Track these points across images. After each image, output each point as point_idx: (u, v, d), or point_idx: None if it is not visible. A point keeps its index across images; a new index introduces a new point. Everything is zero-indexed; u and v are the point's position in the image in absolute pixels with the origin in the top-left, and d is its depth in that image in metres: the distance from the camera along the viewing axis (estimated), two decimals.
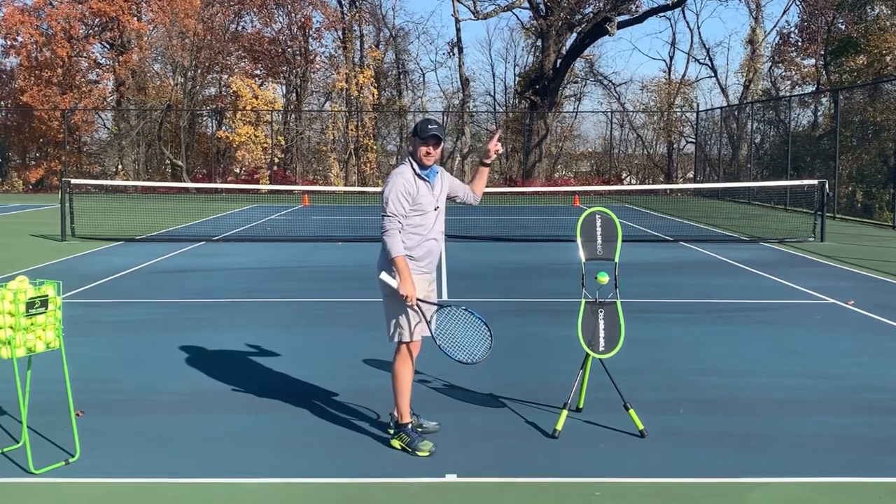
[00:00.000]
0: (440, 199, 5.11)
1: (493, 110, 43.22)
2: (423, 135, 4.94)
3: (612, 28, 35.51)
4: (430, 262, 5.09)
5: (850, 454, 4.97)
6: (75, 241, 16.02)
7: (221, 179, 37.60)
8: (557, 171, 41.87)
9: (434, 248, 5.08)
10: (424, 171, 5.02)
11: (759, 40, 40.31)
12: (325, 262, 13.61)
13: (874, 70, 30.68)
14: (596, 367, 5.61)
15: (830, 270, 12.75)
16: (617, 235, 5.44)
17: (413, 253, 5.00)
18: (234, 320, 8.89)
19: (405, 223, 4.95)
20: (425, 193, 5.00)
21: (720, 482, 4.55)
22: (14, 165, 38.85)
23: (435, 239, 5.07)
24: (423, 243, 5.01)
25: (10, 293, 4.45)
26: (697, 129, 38.33)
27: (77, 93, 37.13)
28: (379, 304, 5.26)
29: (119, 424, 5.45)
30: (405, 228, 4.96)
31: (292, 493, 4.41)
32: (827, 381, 6.57)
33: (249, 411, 5.76)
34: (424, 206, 5.00)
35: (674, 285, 11.35)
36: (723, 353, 7.49)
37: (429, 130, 4.95)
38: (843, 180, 26.26)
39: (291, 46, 39.88)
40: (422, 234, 5.00)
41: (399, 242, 4.92)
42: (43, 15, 36.66)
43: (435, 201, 5.06)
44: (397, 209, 4.92)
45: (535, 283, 11.57)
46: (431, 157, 4.98)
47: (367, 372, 6.74)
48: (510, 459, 4.86)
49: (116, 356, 7.34)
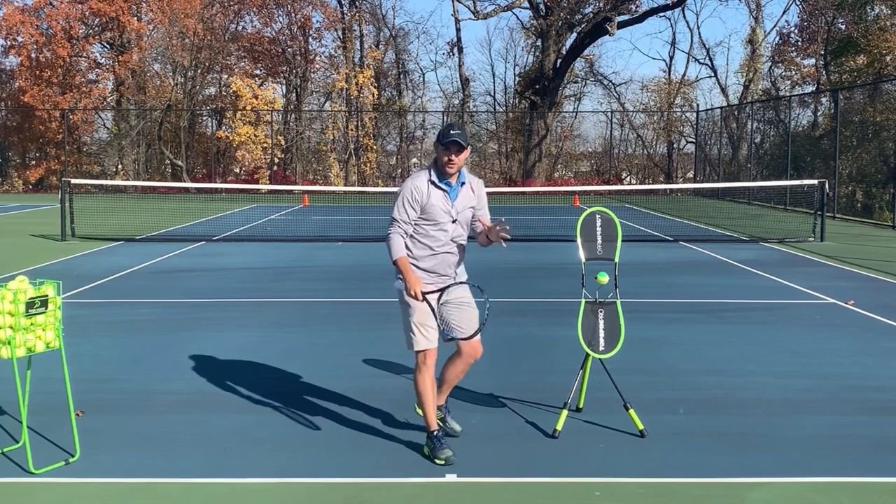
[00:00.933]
0: (461, 214, 4.84)
1: (493, 110, 43.24)
2: (444, 140, 4.70)
3: (612, 28, 35.51)
4: (444, 272, 4.87)
5: (850, 454, 4.97)
6: (75, 241, 16.02)
7: (221, 179, 37.61)
8: (557, 171, 41.87)
9: (446, 259, 4.86)
10: (444, 180, 4.80)
11: (759, 40, 40.30)
12: (325, 262, 13.61)
13: (874, 70, 30.69)
14: (596, 367, 5.61)
15: (830, 270, 12.75)
16: (617, 235, 5.44)
17: (420, 264, 4.83)
18: (234, 320, 8.89)
19: (416, 230, 4.81)
20: (438, 203, 4.77)
21: (720, 482, 4.55)
22: (14, 165, 38.84)
23: (448, 252, 4.86)
24: (433, 256, 4.83)
25: (10, 293, 4.45)
26: (697, 129, 38.33)
27: (77, 93, 37.14)
28: (379, 304, 5.27)
29: (119, 424, 5.45)
30: (415, 236, 4.82)
31: (292, 493, 4.41)
32: (827, 381, 6.57)
33: (249, 411, 5.76)
34: (436, 216, 4.78)
35: (674, 285, 11.35)
36: (723, 353, 7.49)
37: (450, 136, 4.69)
38: (843, 180, 26.25)
39: (291, 46, 39.88)
40: (431, 248, 4.82)
41: (398, 244, 4.79)
42: (43, 15, 36.66)
43: (451, 214, 4.80)
44: (401, 215, 4.79)
45: (535, 283, 11.56)
46: (453, 165, 4.72)
47: (367, 372, 6.74)
48: (510, 459, 4.86)
49: (116, 356, 7.34)
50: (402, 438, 5.19)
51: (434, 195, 4.78)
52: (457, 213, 4.84)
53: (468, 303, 4.99)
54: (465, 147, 4.73)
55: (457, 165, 4.75)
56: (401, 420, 5.51)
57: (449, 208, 4.81)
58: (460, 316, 4.95)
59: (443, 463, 4.75)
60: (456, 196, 4.85)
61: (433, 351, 4.87)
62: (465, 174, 4.91)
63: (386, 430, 5.33)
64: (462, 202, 4.88)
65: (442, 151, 4.75)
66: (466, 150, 4.77)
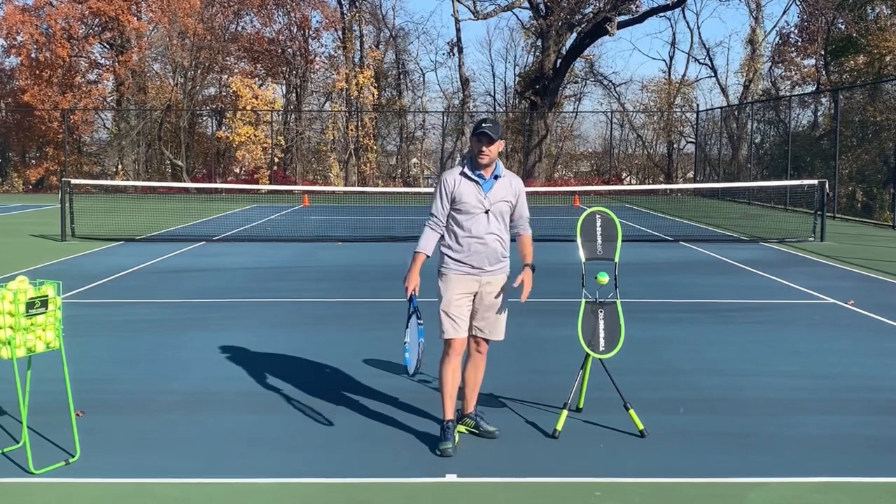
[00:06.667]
0: (495, 206, 4.95)
1: (493, 110, 43.19)
2: (476, 132, 4.91)
3: (612, 28, 35.50)
4: (477, 263, 4.97)
5: (850, 454, 4.97)
6: (75, 241, 16.02)
7: (221, 179, 37.60)
8: (557, 171, 41.87)
9: (480, 249, 4.95)
10: (477, 171, 4.94)
11: (759, 40, 40.30)
12: (325, 262, 13.61)
13: (874, 70, 30.68)
14: (596, 367, 5.61)
15: (830, 270, 12.75)
16: (617, 235, 5.44)
17: (454, 255, 4.98)
18: (234, 320, 8.89)
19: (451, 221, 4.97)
20: (469, 194, 4.92)
21: (720, 482, 4.55)
22: (14, 165, 38.84)
23: (482, 244, 4.95)
24: (466, 247, 4.94)
25: (10, 293, 4.44)
26: (697, 129, 38.33)
27: (77, 93, 37.12)
28: (379, 304, 5.28)
29: (119, 424, 5.45)
30: (450, 227, 4.99)
31: (292, 493, 4.41)
32: (827, 381, 6.57)
33: (249, 411, 5.75)
34: (468, 207, 4.93)
35: (674, 285, 11.35)
36: (723, 353, 7.49)
37: (480, 128, 4.87)
38: (843, 180, 26.26)
39: (291, 46, 39.88)
40: (465, 238, 4.95)
41: (427, 239, 5.00)
42: (43, 15, 36.64)
43: (484, 204, 4.92)
44: (435, 209, 5.00)
45: (535, 282, 11.53)
46: (485, 156, 4.89)
47: (367, 372, 6.74)
48: (510, 459, 4.86)
49: (116, 356, 7.33)
50: (403, 438, 5.19)
51: (465, 185, 4.94)
52: (490, 205, 4.95)
53: (497, 309, 5.09)
54: (494, 139, 4.88)
55: (488, 157, 4.91)
56: (401, 420, 5.51)
57: (482, 199, 4.94)
58: (484, 315, 5.06)
59: (439, 454, 4.86)
60: (490, 188, 4.97)
61: (460, 341, 5.00)
62: (501, 168, 5.04)
63: (386, 431, 5.33)
64: (496, 194, 4.99)
65: (474, 143, 4.93)
66: (498, 142, 4.92)
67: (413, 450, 5.00)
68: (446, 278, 5.00)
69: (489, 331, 5.10)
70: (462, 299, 4.98)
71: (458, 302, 4.96)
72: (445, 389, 5.02)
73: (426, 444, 5.05)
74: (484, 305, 5.05)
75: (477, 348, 5.15)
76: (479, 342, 5.14)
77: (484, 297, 5.03)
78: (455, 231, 4.97)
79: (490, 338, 5.12)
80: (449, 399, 5.02)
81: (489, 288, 5.03)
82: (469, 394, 5.26)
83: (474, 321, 5.07)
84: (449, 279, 4.99)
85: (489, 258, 5.00)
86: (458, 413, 5.24)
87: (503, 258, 5.09)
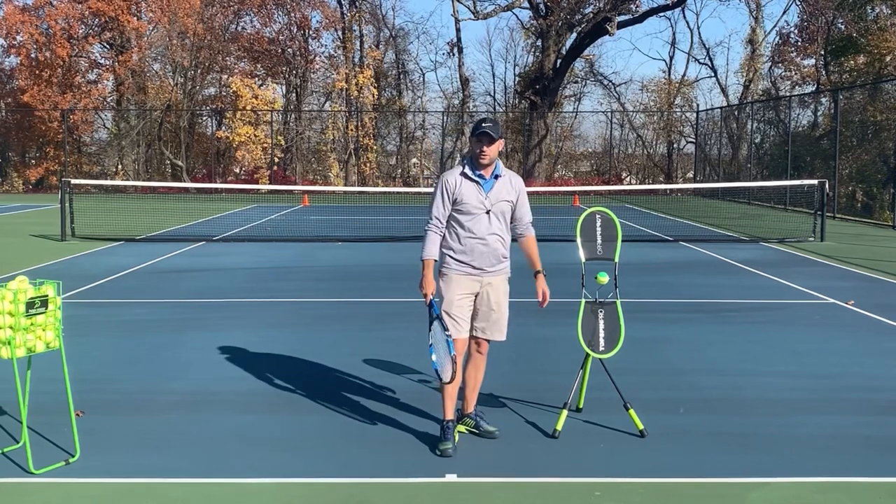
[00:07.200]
0: (496, 206, 4.94)
1: (493, 110, 43.19)
2: (475, 132, 4.89)
3: (612, 28, 35.51)
4: (479, 264, 4.97)
5: (850, 454, 4.97)
6: (75, 241, 16.02)
7: (221, 179, 37.59)
8: (557, 171, 41.87)
9: (482, 250, 4.95)
10: (478, 171, 4.93)
11: (759, 40, 40.30)
12: (325, 262, 13.61)
13: (874, 70, 30.68)
14: (596, 367, 5.61)
15: (830, 270, 12.75)
16: (617, 235, 5.44)
17: (456, 255, 4.98)
18: (234, 320, 8.89)
19: (452, 222, 4.95)
20: (470, 194, 4.91)
21: (720, 482, 4.55)
22: (14, 165, 38.84)
23: (484, 245, 4.95)
24: (468, 248, 4.94)
25: (10, 293, 4.44)
26: (697, 129, 38.33)
27: (77, 93, 37.11)
28: (379, 304, 5.28)
29: (119, 424, 5.45)
30: (451, 228, 4.97)
31: (292, 493, 4.41)
32: (827, 381, 6.57)
33: (249, 411, 5.75)
34: (470, 207, 4.91)
35: (674, 285, 11.35)
36: (723, 353, 7.49)
37: (480, 127, 4.85)
38: (843, 180, 26.25)
39: (291, 46, 39.87)
40: (466, 239, 4.94)
41: (431, 245, 4.96)
42: (43, 15, 36.63)
43: (485, 205, 4.93)
44: (436, 210, 4.97)
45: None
46: (485, 157, 4.87)
47: (367, 372, 6.74)
48: (510, 459, 4.86)
49: (116, 356, 7.33)
50: (402, 438, 5.19)
51: (465, 186, 4.93)
52: (491, 205, 4.95)
53: (498, 309, 5.09)
54: (495, 139, 4.86)
55: (489, 156, 4.89)
56: (401, 420, 5.51)
57: (483, 199, 4.93)
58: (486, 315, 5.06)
59: (439, 454, 4.85)
60: (490, 188, 4.96)
61: (461, 341, 5.00)
62: (501, 168, 5.03)
63: (386, 431, 5.33)
64: (497, 194, 4.98)
65: (474, 143, 4.91)
66: (498, 142, 4.91)
67: (413, 450, 5.00)
68: (448, 278, 5.01)
69: (490, 331, 5.10)
70: (463, 300, 4.99)
71: (459, 302, 4.97)
72: (445, 389, 5.02)
73: (426, 444, 5.05)
74: (485, 306, 5.05)
75: (477, 349, 5.16)
76: (480, 342, 5.15)
77: (485, 298, 5.04)
78: (457, 231, 4.97)
79: (491, 338, 5.13)
80: (449, 399, 5.02)
81: (490, 288, 5.04)
82: (469, 394, 5.26)
83: (475, 322, 5.08)
84: (450, 279, 5.00)
85: (491, 259, 5.00)
86: (458, 413, 5.24)
87: (504, 258, 5.09)
